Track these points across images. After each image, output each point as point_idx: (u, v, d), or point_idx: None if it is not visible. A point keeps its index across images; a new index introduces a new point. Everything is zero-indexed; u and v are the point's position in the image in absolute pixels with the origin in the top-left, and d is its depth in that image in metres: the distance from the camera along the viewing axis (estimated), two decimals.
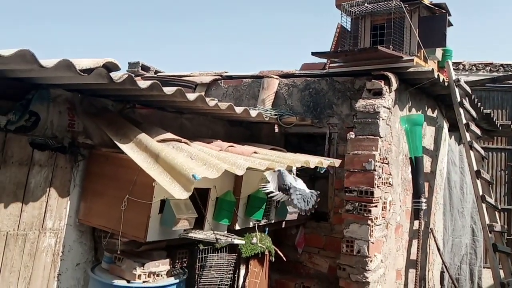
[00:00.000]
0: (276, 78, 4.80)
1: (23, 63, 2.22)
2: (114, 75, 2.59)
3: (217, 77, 5.30)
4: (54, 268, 3.11)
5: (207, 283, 3.43)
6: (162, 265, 3.08)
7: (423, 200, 4.39)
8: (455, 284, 4.92)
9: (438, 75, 4.23)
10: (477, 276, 6.58)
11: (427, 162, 4.92)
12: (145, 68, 6.44)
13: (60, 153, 3.08)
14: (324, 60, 4.77)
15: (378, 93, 4.01)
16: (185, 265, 3.33)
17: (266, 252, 3.79)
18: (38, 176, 2.97)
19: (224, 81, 5.30)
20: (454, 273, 5.76)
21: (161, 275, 3.07)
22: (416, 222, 4.64)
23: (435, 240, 4.56)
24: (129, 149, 2.98)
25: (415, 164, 4.38)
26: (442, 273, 5.39)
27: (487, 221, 4.20)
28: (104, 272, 3.08)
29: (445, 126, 5.29)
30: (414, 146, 4.37)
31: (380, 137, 3.89)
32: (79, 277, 3.28)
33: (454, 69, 4.94)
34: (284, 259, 3.93)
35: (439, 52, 4.60)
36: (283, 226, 4.24)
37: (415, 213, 4.45)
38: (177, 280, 3.11)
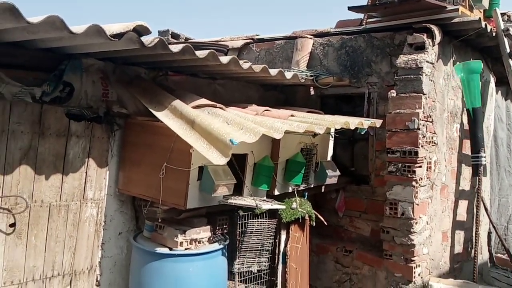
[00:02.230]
0: (310, 38, 4.60)
1: (52, 30, 2.16)
2: (145, 39, 2.50)
3: (248, 40, 5.14)
4: (97, 237, 3.14)
5: (248, 249, 3.41)
6: (203, 232, 3.07)
7: (483, 154, 4.16)
8: (503, 244, 4.73)
9: (485, 24, 3.92)
10: None
11: None
12: (175, 36, 6.34)
13: (96, 123, 3.06)
14: (361, 16, 4.51)
15: (421, 48, 3.77)
16: (225, 231, 3.31)
17: (307, 217, 3.73)
18: (76, 147, 2.97)
19: (256, 45, 5.13)
20: (501, 234, 5.55)
21: (203, 242, 3.06)
22: (464, 182, 4.45)
23: (482, 200, 4.36)
24: (164, 116, 2.92)
25: (473, 116, 4.14)
26: (489, 233, 5.19)
27: None
28: (146, 240, 3.10)
29: (492, 80, 4.97)
30: (472, 96, 4.11)
31: (424, 94, 3.68)
32: (122, 246, 3.32)
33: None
34: (325, 223, 3.86)
35: (485, 0, 4.26)
36: (323, 190, 4.15)
37: (474, 169, 4.24)
38: (220, 246, 3.10)
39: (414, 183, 3.62)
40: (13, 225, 2.69)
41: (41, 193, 2.80)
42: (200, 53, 2.83)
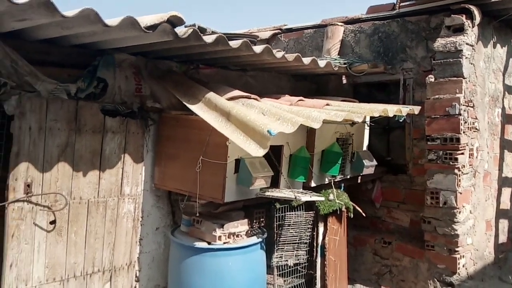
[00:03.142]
0: (341, 25, 4.48)
1: (87, 24, 2.13)
2: (179, 30, 2.45)
3: (276, 31, 5.05)
4: (135, 233, 3.14)
5: (286, 242, 3.35)
6: (241, 226, 3.02)
7: None
8: None
9: None
10: None
11: (511, 101, 4.47)
12: (202, 30, 6.23)
13: (130, 119, 3.04)
14: (393, 0, 4.36)
15: (459, 30, 3.60)
16: (262, 224, 3.26)
17: (344, 209, 3.64)
18: (112, 143, 2.96)
19: (284, 35, 5.05)
20: None
21: (241, 236, 3.01)
22: (507, 168, 4.27)
23: None
24: (199, 109, 2.88)
25: None
26: None
27: None
28: (184, 235, 3.07)
29: None
30: None
31: (464, 78, 3.52)
32: (159, 241, 3.30)
33: None
34: (364, 214, 3.76)
35: None
36: (359, 181, 4.04)
37: None
38: (258, 240, 3.05)
39: (456, 170, 3.48)
40: (53, 222, 2.70)
41: (79, 189, 2.80)
42: (234, 43, 2.77)
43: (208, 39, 2.60)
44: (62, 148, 2.71)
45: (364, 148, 4.09)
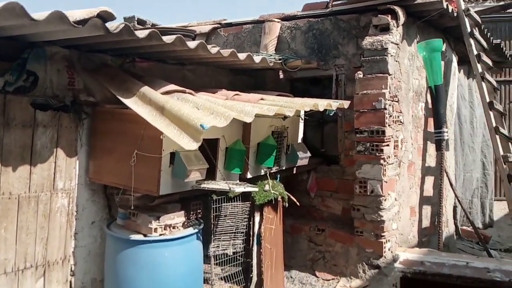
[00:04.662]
0: (278, 22, 4.61)
1: (12, 17, 2.10)
2: (110, 25, 2.46)
3: (216, 25, 5.11)
4: (70, 227, 3.12)
5: (223, 232, 3.46)
6: (177, 217, 3.08)
7: (445, 130, 4.31)
8: (468, 217, 4.93)
9: (447, 5, 4.03)
10: (488, 208, 6.63)
11: None
12: (141, 22, 6.20)
13: (63, 113, 3.01)
14: None
15: (385, 29, 3.85)
16: (199, 216, 3.34)
17: (279, 199, 3.79)
18: (43, 137, 2.92)
19: (224, 29, 5.11)
20: (466, 207, 5.79)
21: (177, 227, 3.08)
22: (430, 158, 4.60)
23: (447, 176, 4.53)
24: (133, 103, 2.90)
25: (435, 93, 4.27)
26: (454, 207, 5.40)
27: (501, 152, 4.14)
28: (120, 228, 3.10)
29: (454, 60, 5.12)
30: (434, 74, 4.23)
31: (389, 75, 3.77)
32: (95, 235, 3.30)
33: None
34: (298, 204, 3.93)
35: None
36: (294, 172, 4.22)
37: (437, 144, 4.38)
38: (194, 231, 3.12)
39: (382, 161, 3.73)
40: None
41: (9, 184, 2.75)
42: (167, 39, 2.81)
43: (141, 34, 2.62)
44: None
45: (299, 140, 4.26)
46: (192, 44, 3.04)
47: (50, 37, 2.69)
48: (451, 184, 4.67)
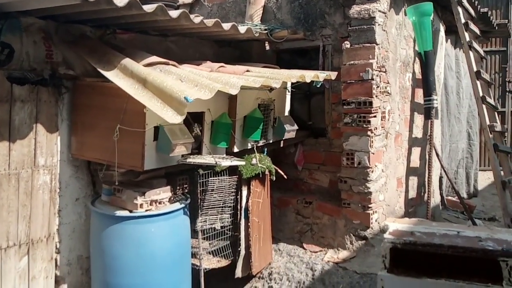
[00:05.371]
0: None
1: None
2: None
3: None
4: (53, 204, 3.05)
5: (210, 206, 3.43)
6: (163, 193, 3.04)
7: (435, 97, 4.26)
8: (454, 188, 4.99)
9: None
10: (473, 178, 6.72)
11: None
12: None
13: (41, 87, 2.90)
14: None
15: None
16: (186, 191, 3.30)
17: (267, 172, 3.76)
18: (21, 113, 2.81)
19: (208, 0, 4.96)
20: (451, 178, 5.84)
21: (163, 202, 3.03)
22: (416, 130, 4.59)
23: (434, 147, 4.54)
24: (114, 76, 2.80)
25: (425, 59, 4.20)
26: (440, 178, 5.45)
27: (488, 122, 4.15)
28: (104, 205, 3.04)
29: (442, 29, 5.06)
30: (424, 40, 4.15)
31: (377, 44, 3.70)
32: (80, 212, 3.24)
33: None
34: (285, 177, 3.91)
35: None
36: (282, 145, 4.18)
37: (426, 112, 4.36)
38: (181, 206, 3.09)
39: (369, 132, 3.70)
40: None
41: None
42: (148, 7, 2.70)
43: (120, 2, 2.51)
44: None
45: (286, 113, 4.21)
46: (174, 13, 2.93)
47: (24, 7, 2.56)
48: (437, 155, 4.68)
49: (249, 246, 3.62)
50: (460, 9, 4.33)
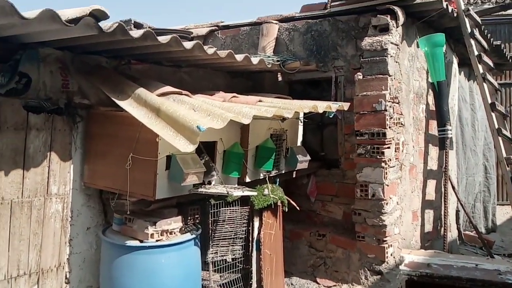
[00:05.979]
0: (276, 23, 4.56)
1: (2, 16, 2.04)
2: (104, 25, 2.40)
3: (213, 27, 5.06)
4: (64, 233, 3.04)
5: (221, 237, 3.38)
6: (174, 223, 3.00)
7: (449, 127, 4.24)
8: (471, 222, 4.86)
9: (446, 5, 3.98)
10: (491, 213, 6.55)
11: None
12: (138, 26, 6.14)
13: (56, 115, 2.93)
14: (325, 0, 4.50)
15: (385, 29, 3.79)
16: (197, 221, 3.26)
17: (279, 203, 3.72)
18: (36, 141, 2.84)
19: (221, 32, 5.06)
20: (469, 212, 5.70)
21: (174, 233, 2.99)
22: (431, 161, 4.53)
23: (449, 179, 4.46)
24: (128, 105, 2.83)
25: (438, 90, 4.20)
26: (457, 211, 5.31)
27: (504, 155, 4.07)
28: (115, 234, 3.01)
29: (455, 61, 5.07)
30: (437, 70, 4.17)
31: (390, 76, 3.71)
32: (91, 241, 3.21)
33: None
34: (298, 208, 3.86)
35: None
36: (294, 175, 4.14)
37: (441, 143, 4.31)
38: (192, 236, 3.04)
39: (383, 164, 3.66)
40: None
41: (1, 190, 2.67)
42: (163, 39, 2.75)
43: (135, 34, 2.56)
44: None
45: (299, 143, 4.19)
46: (188, 44, 2.98)
47: (42, 38, 2.62)
48: (453, 188, 4.60)
49: (261, 279, 3.54)
50: (473, 42, 4.34)
